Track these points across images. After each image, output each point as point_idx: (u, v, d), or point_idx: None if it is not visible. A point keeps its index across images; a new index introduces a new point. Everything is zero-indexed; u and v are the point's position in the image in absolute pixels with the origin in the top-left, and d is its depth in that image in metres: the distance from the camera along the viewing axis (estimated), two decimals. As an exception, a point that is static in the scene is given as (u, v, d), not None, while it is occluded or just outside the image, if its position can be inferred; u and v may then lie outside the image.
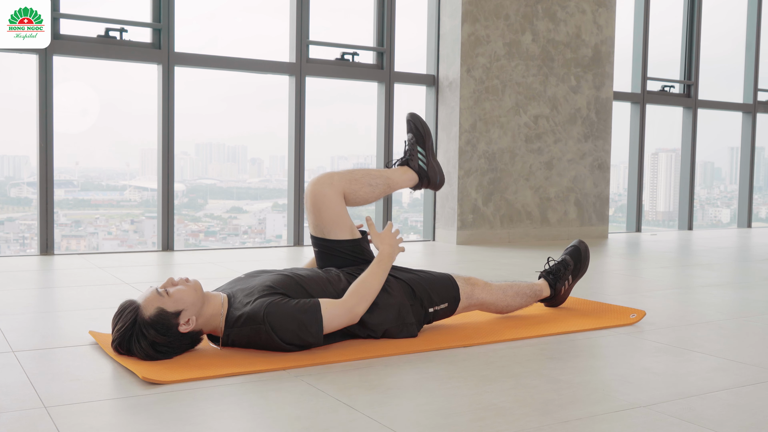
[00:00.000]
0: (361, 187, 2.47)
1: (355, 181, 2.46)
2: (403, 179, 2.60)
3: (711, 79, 7.25)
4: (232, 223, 5.67)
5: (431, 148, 2.64)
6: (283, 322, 2.10)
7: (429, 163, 2.63)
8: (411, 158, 2.62)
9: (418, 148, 2.62)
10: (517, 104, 5.71)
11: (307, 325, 2.12)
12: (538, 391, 1.86)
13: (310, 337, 2.13)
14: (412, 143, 2.64)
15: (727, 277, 4.11)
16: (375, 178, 2.51)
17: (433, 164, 2.64)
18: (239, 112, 5.69)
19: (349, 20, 5.83)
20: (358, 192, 2.47)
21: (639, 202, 6.84)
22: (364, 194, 2.48)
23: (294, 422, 1.62)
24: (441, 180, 2.66)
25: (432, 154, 2.64)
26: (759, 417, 1.69)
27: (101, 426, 1.59)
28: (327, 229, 2.44)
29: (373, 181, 2.50)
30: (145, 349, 2.03)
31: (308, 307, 2.14)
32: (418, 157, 2.61)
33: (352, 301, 2.22)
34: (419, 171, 2.62)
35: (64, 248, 4.78)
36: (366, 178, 2.49)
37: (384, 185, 2.54)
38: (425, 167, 2.62)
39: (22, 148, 4.97)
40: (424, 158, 2.62)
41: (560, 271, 2.83)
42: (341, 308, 2.19)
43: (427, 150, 2.62)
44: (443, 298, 2.46)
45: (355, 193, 2.46)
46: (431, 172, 2.63)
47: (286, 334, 2.11)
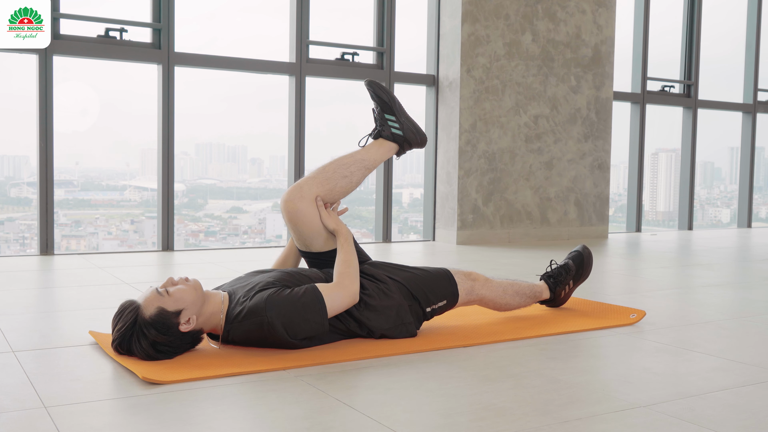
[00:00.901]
0: (337, 182, 2.40)
1: (327, 180, 2.38)
2: (381, 152, 2.50)
3: (711, 79, 7.25)
4: (232, 223, 5.67)
5: (400, 109, 2.51)
6: (284, 309, 2.10)
7: (403, 125, 2.50)
8: (383, 128, 2.51)
9: (386, 115, 2.50)
10: (517, 104, 5.71)
11: (309, 305, 2.12)
12: (538, 391, 1.86)
13: (315, 316, 2.13)
14: (379, 112, 2.52)
15: (727, 277, 4.11)
16: (348, 166, 2.42)
17: (408, 125, 2.51)
18: (239, 112, 5.69)
19: (349, 20, 5.84)
20: (335, 189, 2.40)
21: (639, 202, 6.84)
22: (342, 188, 2.41)
23: (294, 422, 1.62)
24: (422, 138, 2.54)
25: (403, 115, 2.51)
26: (759, 417, 1.69)
27: (101, 426, 1.59)
28: (310, 242, 2.40)
29: (346, 171, 2.42)
30: (145, 349, 2.02)
31: (306, 291, 2.16)
32: (389, 125, 2.50)
33: (345, 282, 2.24)
34: (395, 138, 2.51)
35: (64, 248, 4.78)
36: (339, 170, 2.41)
37: (361, 169, 2.44)
38: (401, 132, 2.50)
39: (22, 148, 4.97)
40: (396, 123, 2.50)
41: (561, 275, 2.83)
42: (338, 289, 2.21)
43: (396, 114, 2.49)
44: (441, 296, 2.46)
45: (332, 191, 2.39)
46: (408, 134, 2.51)
47: (291, 323, 2.11)
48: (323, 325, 2.16)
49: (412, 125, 2.53)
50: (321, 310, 2.15)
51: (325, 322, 2.16)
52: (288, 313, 2.11)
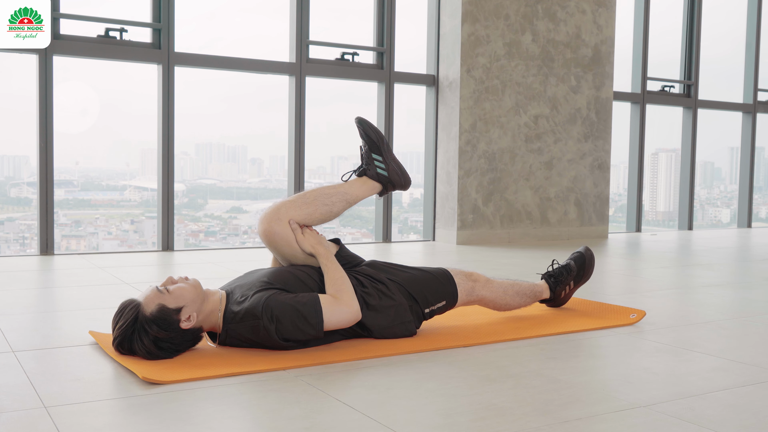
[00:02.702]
0: (316, 209, 2.38)
1: (306, 205, 2.36)
2: (363, 190, 2.48)
3: (711, 79, 7.25)
4: (232, 223, 5.67)
5: (387, 149, 2.50)
6: (282, 314, 2.10)
7: (389, 167, 2.49)
8: (368, 167, 2.49)
9: (373, 155, 2.49)
10: (517, 104, 5.71)
11: (306, 316, 2.12)
12: (538, 391, 1.86)
13: (310, 329, 2.12)
14: (366, 151, 2.51)
15: (727, 277, 4.11)
16: (330, 196, 2.41)
17: (393, 167, 2.50)
18: (239, 112, 5.69)
19: (349, 20, 5.84)
20: (313, 214, 2.37)
21: (639, 202, 6.84)
22: (321, 215, 2.39)
23: (294, 422, 1.62)
24: (406, 180, 2.53)
25: (390, 157, 2.50)
26: (759, 417, 1.69)
27: (101, 426, 1.59)
28: (292, 261, 2.39)
29: (328, 200, 2.40)
30: (147, 346, 2.03)
31: (307, 299, 2.15)
32: (375, 165, 2.49)
33: (344, 298, 2.22)
34: (380, 178, 2.49)
35: (64, 248, 4.78)
36: (320, 198, 2.39)
37: (342, 201, 2.43)
38: (386, 173, 2.49)
39: (22, 148, 4.97)
40: (382, 163, 2.49)
41: (562, 275, 2.83)
42: (340, 304, 2.20)
43: (383, 154, 2.49)
44: (440, 297, 2.46)
45: (310, 216, 2.37)
46: (393, 176, 2.50)
47: (286, 328, 2.11)
48: (318, 333, 2.15)
49: (398, 167, 2.51)
50: (317, 324, 2.14)
51: (320, 332, 2.15)
52: (283, 318, 2.11)
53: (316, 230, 2.42)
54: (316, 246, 2.33)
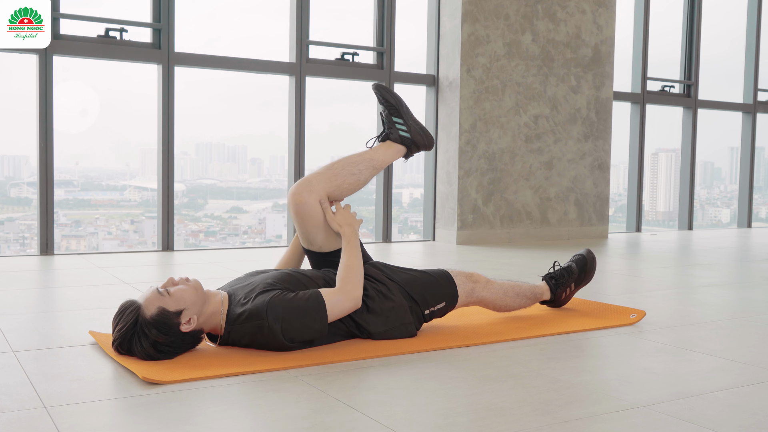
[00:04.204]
0: (345, 179, 2.41)
1: (335, 177, 2.39)
2: (389, 154, 2.52)
3: (711, 79, 7.25)
4: (232, 223, 5.67)
5: (408, 112, 2.53)
6: (285, 313, 2.10)
7: (410, 128, 2.52)
8: (391, 131, 2.53)
9: (394, 118, 2.52)
10: (517, 104, 5.71)
11: (311, 312, 2.12)
12: (538, 391, 1.86)
13: (315, 323, 2.13)
14: (386, 116, 2.54)
15: (727, 277, 4.11)
16: (356, 164, 2.44)
17: (415, 128, 2.53)
18: (239, 112, 5.69)
19: (349, 20, 5.84)
20: (342, 185, 2.40)
21: (639, 202, 6.84)
22: (350, 185, 2.42)
23: (294, 422, 1.62)
24: (429, 140, 2.55)
25: (411, 118, 2.53)
26: (759, 417, 1.69)
27: (101, 426, 1.59)
28: (313, 238, 2.38)
29: (355, 168, 2.43)
30: (146, 349, 2.02)
31: (309, 296, 2.15)
32: (397, 128, 2.52)
33: (347, 287, 2.23)
34: (403, 140, 2.52)
35: (64, 248, 4.78)
36: (347, 167, 2.42)
37: (369, 168, 2.46)
38: (408, 134, 2.52)
39: (22, 148, 4.97)
40: (403, 125, 2.52)
41: (563, 277, 2.83)
42: (340, 294, 2.20)
43: (404, 116, 2.52)
44: (440, 298, 2.46)
45: (340, 188, 2.40)
46: (416, 137, 2.52)
47: (292, 326, 2.11)
48: (322, 332, 2.16)
49: (420, 128, 2.54)
50: (322, 318, 2.14)
51: (324, 329, 2.16)
52: (288, 317, 2.11)
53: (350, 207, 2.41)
54: (343, 226, 2.33)
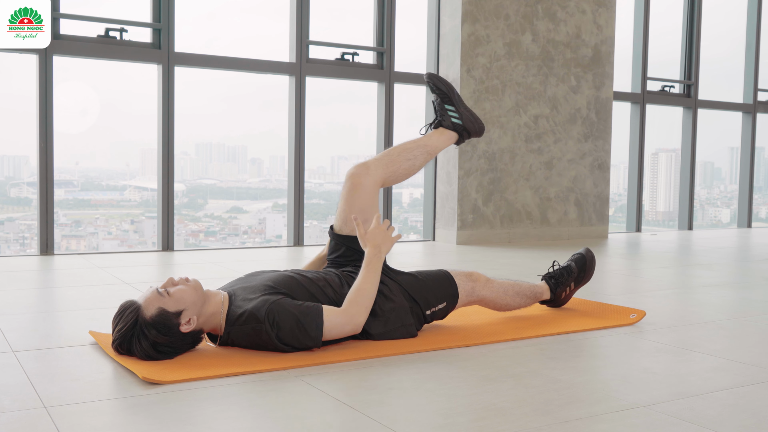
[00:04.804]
0: (400, 165, 2.50)
1: (392, 162, 2.49)
2: (442, 140, 2.61)
3: (711, 79, 7.25)
4: (232, 223, 5.67)
5: (459, 100, 2.64)
6: (283, 321, 2.10)
7: (462, 115, 2.62)
8: (443, 118, 2.62)
9: (446, 106, 2.62)
10: (517, 104, 5.71)
11: (307, 328, 2.11)
12: (538, 391, 1.86)
13: (308, 340, 2.12)
14: (439, 103, 2.64)
15: (727, 277, 4.11)
16: (411, 150, 2.53)
17: (467, 115, 2.63)
18: (239, 112, 5.69)
19: (349, 20, 5.84)
20: (398, 171, 2.50)
21: (639, 202, 6.84)
22: (405, 170, 2.51)
23: (294, 422, 1.62)
24: (480, 127, 2.65)
25: (462, 106, 2.63)
26: (759, 417, 1.69)
27: (101, 426, 1.59)
28: (350, 221, 2.42)
29: (410, 154, 2.52)
30: (146, 350, 2.02)
31: (310, 310, 2.14)
32: (449, 115, 2.61)
33: (352, 310, 2.21)
34: (455, 127, 2.62)
35: (64, 248, 4.78)
36: (403, 154, 2.51)
37: (424, 154, 2.55)
38: (460, 121, 2.62)
39: (22, 148, 4.97)
40: (455, 113, 2.61)
41: (563, 276, 2.83)
42: (343, 317, 2.18)
43: (455, 104, 2.62)
44: (441, 298, 2.46)
45: (395, 173, 2.49)
46: (468, 124, 2.63)
47: (285, 334, 2.11)
48: (316, 345, 2.14)
49: (471, 115, 2.64)
50: (316, 337, 2.13)
51: (317, 344, 2.14)
52: (284, 326, 2.10)
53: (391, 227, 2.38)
54: (369, 245, 2.31)
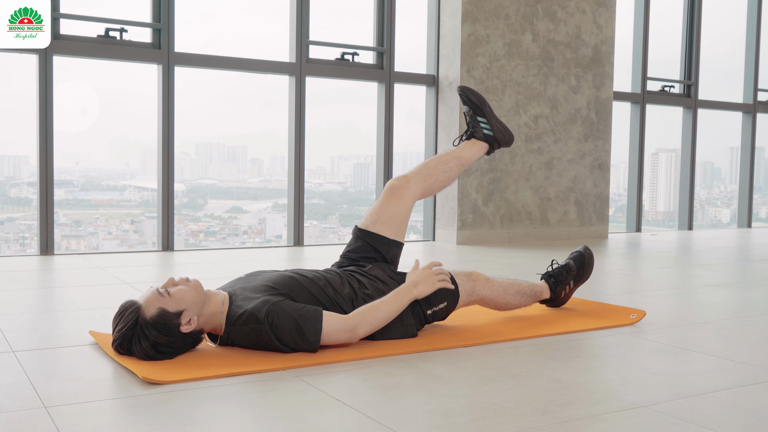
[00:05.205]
0: (437, 177, 2.64)
1: (429, 175, 2.63)
2: (474, 151, 2.73)
3: (711, 79, 7.25)
4: (232, 223, 5.67)
5: (491, 111, 2.75)
6: (282, 324, 2.10)
7: (493, 127, 2.73)
8: (475, 130, 2.74)
9: (478, 118, 2.73)
10: (517, 104, 5.71)
11: (305, 332, 2.11)
12: (538, 391, 1.86)
13: (306, 345, 2.12)
14: (471, 115, 2.75)
15: (727, 277, 4.11)
16: (446, 163, 2.67)
17: (498, 126, 2.74)
18: (239, 112, 5.69)
19: (349, 20, 5.84)
20: (435, 183, 2.64)
21: (639, 202, 6.84)
22: (441, 182, 2.66)
23: (294, 422, 1.62)
24: (510, 137, 2.78)
25: (493, 117, 2.75)
26: (759, 417, 1.69)
27: (101, 426, 1.59)
28: (381, 223, 2.52)
29: (446, 167, 2.66)
30: (146, 350, 2.02)
31: (310, 314, 2.13)
32: (481, 127, 2.73)
33: (355, 321, 2.20)
34: (487, 138, 2.73)
35: (64, 248, 4.78)
36: (439, 166, 2.65)
37: (457, 165, 2.69)
38: (491, 132, 2.73)
39: (22, 148, 4.97)
40: (487, 124, 2.73)
41: (562, 275, 2.83)
42: (343, 325, 2.18)
43: (487, 116, 2.73)
44: (441, 298, 2.46)
45: (433, 185, 2.64)
46: (498, 135, 2.74)
47: (284, 336, 2.11)
48: (313, 350, 2.14)
49: (502, 126, 2.76)
50: (314, 343, 2.13)
51: (314, 349, 2.14)
52: (283, 328, 2.10)
53: (444, 272, 2.41)
54: (408, 282, 2.34)
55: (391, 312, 2.27)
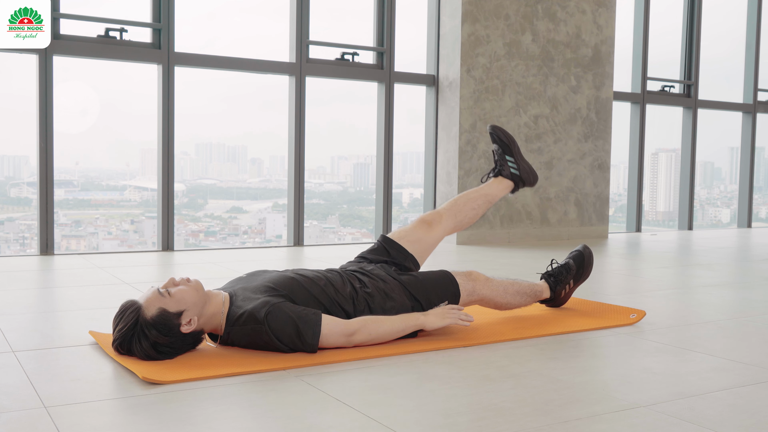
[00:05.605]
0: (466, 214, 2.77)
1: (459, 212, 2.76)
2: (500, 189, 2.85)
3: (711, 79, 7.25)
4: (232, 223, 5.67)
5: (518, 151, 2.87)
6: (282, 325, 2.11)
7: (520, 167, 2.85)
8: (502, 168, 2.86)
9: (507, 157, 2.85)
10: (517, 104, 5.71)
11: (304, 335, 2.12)
12: (538, 391, 1.86)
13: (305, 347, 2.13)
14: (500, 154, 2.86)
15: (727, 277, 4.11)
16: (475, 200, 2.79)
17: (524, 166, 2.86)
18: (239, 112, 5.69)
19: (349, 20, 5.84)
20: (464, 220, 2.77)
21: (639, 202, 6.84)
22: (470, 219, 2.79)
23: (294, 422, 1.62)
24: (535, 178, 2.89)
25: (520, 158, 2.87)
26: (759, 417, 1.69)
27: (101, 426, 1.59)
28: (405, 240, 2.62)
29: (474, 204, 2.78)
30: (146, 350, 2.03)
31: (309, 318, 2.13)
32: (509, 166, 2.84)
33: (355, 327, 2.20)
34: (513, 177, 2.85)
35: (64, 248, 4.78)
36: (468, 203, 2.78)
37: (485, 202, 2.81)
38: (518, 172, 2.85)
39: (22, 148, 4.97)
40: (514, 164, 2.85)
41: (562, 274, 2.84)
42: (342, 329, 2.18)
43: (515, 156, 2.85)
44: (442, 297, 2.47)
45: (462, 222, 2.77)
46: (524, 175, 2.86)
47: (283, 337, 2.11)
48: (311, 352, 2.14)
49: (528, 167, 2.88)
50: (312, 346, 2.13)
51: (313, 351, 2.14)
52: (283, 329, 2.11)
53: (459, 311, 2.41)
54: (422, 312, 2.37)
55: (393, 330, 2.27)
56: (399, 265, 2.57)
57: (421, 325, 2.32)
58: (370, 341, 2.24)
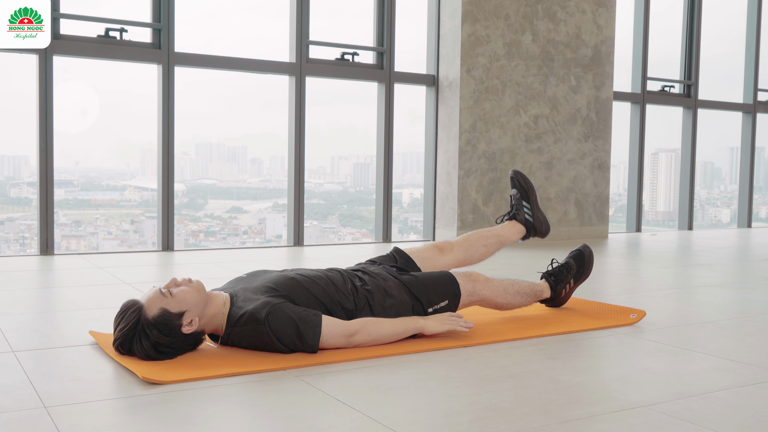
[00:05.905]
0: (477, 250, 2.81)
1: (470, 246, 2.80)
2: (513, 232, 2.89)
3: (711, 79, 7.25)
4: (232, 223, 5.67)
5: (535, 201, 2.93)
6: (282, 326, 2.11)
7: (534, 215, 2.90)
8: (518, 212, 2.91)
9: (524, 202, 2.91)
10: (517, 104, 5.71)
11: (304, 336, 2.12)
12: (538, 391, 1.86)
13: (305, 348, 2.13)
14: (517, 198, 2.92)
15: (727, 277, 4.11)
16: (487, 238, 2.84)
17: (538, 215, 2.92)
18: (239, 112, 5.69)
19: (349, 20, 5.84)
20: (474, 255, 2.81)
21: (639, 202, 6.84)
22: (480, 255, 2.83)
23: (294, 422, 1.62)
24: (547, 229, 2.93)
25: (536, 207, 2.93)
26: (759, 417, 1.69)
27: (101, 426, 1.59)
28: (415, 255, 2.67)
29: (486, 241, 2.83)
30: (146, 350, 2.03)
31: (310, 319, 2.14)
32: (524, 211, 2.90)
33: (355, 328, 2.21)
34: (526, 223, 2.90)
35: (64, 248, 4.78)
36: (480, 240, 2.82)
37: (496, 243, 2.85)
38: (531, 219, 2.90)
39: (22, 148, 4.97)
40: (529, 211, 2.90)
41: (562, 273, 2.84)
42: (343, 330, 2.18)
43: (531, 203, 2.91)
44: (442, 296, 2.47)
45: (471, 257, 2.81)
46: (537, 223, 2.90)
47: (284, 337, 2.12)
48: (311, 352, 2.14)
49: (543, 217, 2.94)
50: (312, 346, 2.13)
51: (313, 351, 2.14)
52: (283, 330, 2.11)
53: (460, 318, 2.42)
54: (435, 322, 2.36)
55: (393, 332, 2.28)
56: (402, 270, 2.58)
57: (420, 329, 2.33)
58: (370, 342, 2.24)
